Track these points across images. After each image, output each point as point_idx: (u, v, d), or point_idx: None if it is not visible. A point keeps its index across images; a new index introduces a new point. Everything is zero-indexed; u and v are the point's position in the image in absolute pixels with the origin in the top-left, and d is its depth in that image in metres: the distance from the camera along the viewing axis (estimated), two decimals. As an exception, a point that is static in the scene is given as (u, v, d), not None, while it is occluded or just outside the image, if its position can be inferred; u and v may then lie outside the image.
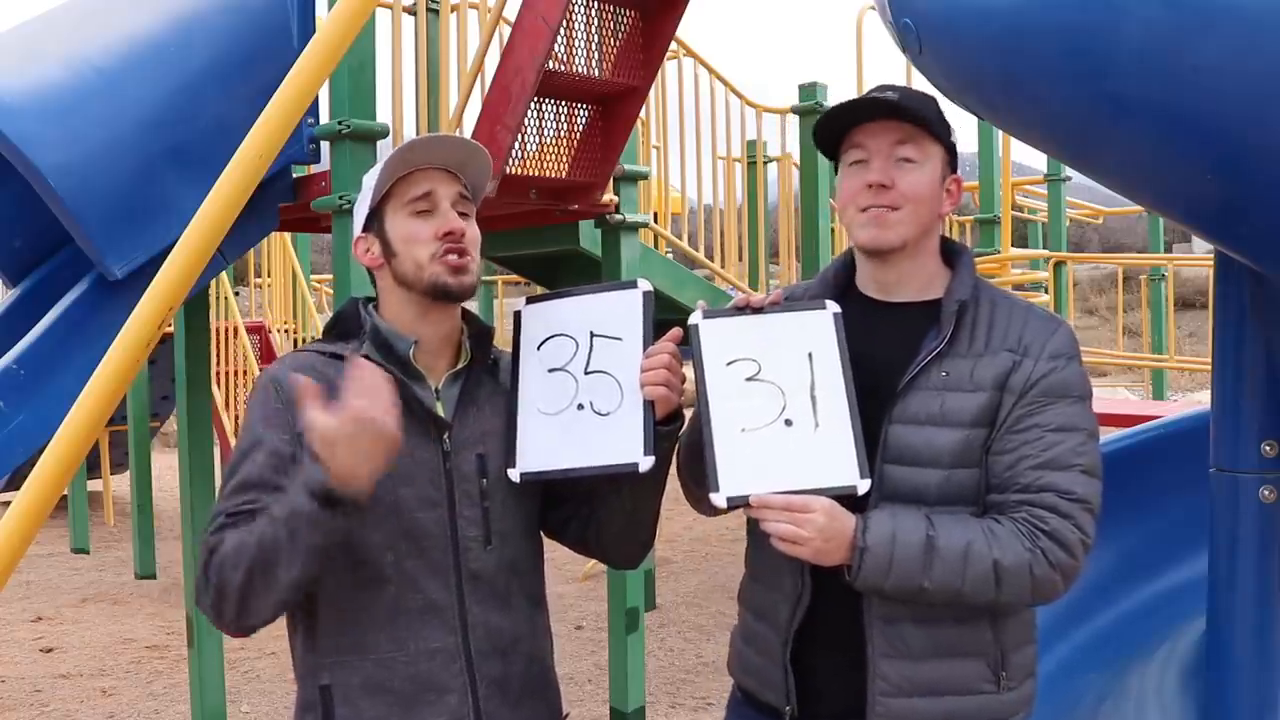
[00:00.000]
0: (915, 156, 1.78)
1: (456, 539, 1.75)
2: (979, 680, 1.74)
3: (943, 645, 1.72)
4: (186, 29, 3.49)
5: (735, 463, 1.67)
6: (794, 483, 1.65)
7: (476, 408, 1.82)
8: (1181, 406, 6.57)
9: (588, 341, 1.78)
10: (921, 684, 1.71)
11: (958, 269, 1.84)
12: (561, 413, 1.77)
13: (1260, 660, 2.17)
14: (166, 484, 9.93)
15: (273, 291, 8.47)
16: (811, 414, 1.68)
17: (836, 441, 1.67)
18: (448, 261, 1.77)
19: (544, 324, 1.83)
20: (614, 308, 1.79)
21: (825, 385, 1.69)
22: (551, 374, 1.79)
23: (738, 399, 1.70)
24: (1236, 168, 1.59)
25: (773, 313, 1.76)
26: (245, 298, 9.24)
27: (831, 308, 1.75)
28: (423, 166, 1.80)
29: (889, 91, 1.80)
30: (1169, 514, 2.88)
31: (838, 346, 1.71)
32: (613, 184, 4.50)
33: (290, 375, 1.73)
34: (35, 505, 1.70)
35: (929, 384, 1.73)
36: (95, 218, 3.14)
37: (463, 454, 1.78)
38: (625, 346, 1.76)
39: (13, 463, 3.06)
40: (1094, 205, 12.27)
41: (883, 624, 1.72)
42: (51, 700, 5.33)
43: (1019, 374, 1.72)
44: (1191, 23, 1.48)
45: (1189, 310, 16.74)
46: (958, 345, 1.75)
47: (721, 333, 1.74)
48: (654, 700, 5.09)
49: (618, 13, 4.02)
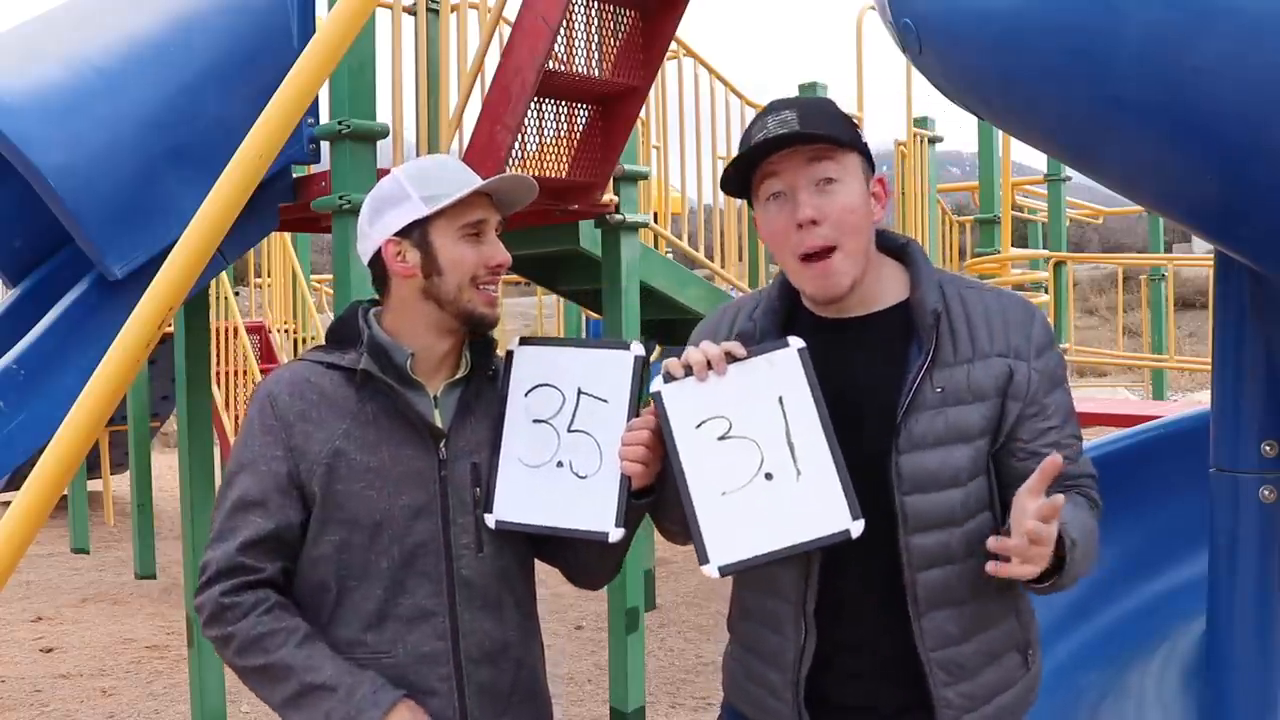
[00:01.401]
0: (835, 174, 1.66)
1: (449, 546, 1.77)
2: (1015, 670, 1.76)
3: (991, 653, 1.73)
4: (187, 29, 3.49)
5: (721, 529, 1.61)
6: (785, 539, 1.60)
7: (474, 417, 1.83)
8: (1181, 406, 6.58)
9: (575, 398, 1.75)
10: (980, 695, 1.71)
11: (915, 269, 1.75)
12: (541, 466, 1.76)
13: (1260, 660, 2.17)
14: (166, 484, 9.94)
15: (273, 291, 8.47)
16: (791, 463, 1.61)
17: (822, 487, 1.60)
18: (487, 294, 1.82)
19: (535, 370, 1.80)
20: (605, 367, 1.75)
21: (801, 428, 1.62)
22: (536, 424, 1.77)
23: (713, 461, 1.63)
24: (1236, 168, 1.59)
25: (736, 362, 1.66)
26: (245, 298, 9.23)
27: (795, 343, 1.65)
28: (481, 192, 1.81)
29: (785, 110, 1.67)
30: (1169, 514, 2.87)
31: (808, 384, 1.62)
32: (613, 184, 4.50)
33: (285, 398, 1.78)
34: (35, 505, 1.70)
35: (926, 403, 1.66)
36: (95, 218, 3.14)
37: (458, 463, 1.80)
38: (611, 410, 1.73)
39: (13, 463, 3.06)
40: (1094, 205, 12.27)
41: (938, 653, 1.68)
42: (51, 700, 5.33)
43: (1019, 378, 1.68)
44: (1191, 23, 1.48)
45: (1189, 310, 16.73)
46: (943, 354, 1.68)
47: (686, 395, 1.66)
48: (654, 700, 5.10)
49: (618, 13, 4.02)
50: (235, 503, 1.74)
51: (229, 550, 1.72)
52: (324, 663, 1.69)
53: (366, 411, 1.77)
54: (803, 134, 1.64)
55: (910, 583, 1.66)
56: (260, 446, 1.75)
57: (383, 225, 1.81)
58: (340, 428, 1.76)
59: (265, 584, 1.73)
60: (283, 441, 1.74)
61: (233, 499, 1.74)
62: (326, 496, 1.74)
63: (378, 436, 1.76)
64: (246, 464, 1.75)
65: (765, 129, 1.66)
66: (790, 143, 1.65)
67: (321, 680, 1.67)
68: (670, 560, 8.13)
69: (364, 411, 1.77)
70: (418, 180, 1.80)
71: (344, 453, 1.74)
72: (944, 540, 1.67)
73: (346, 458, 1.74)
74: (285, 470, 1.74)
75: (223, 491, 1.78)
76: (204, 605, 1.72)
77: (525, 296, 16.68)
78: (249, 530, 1.72)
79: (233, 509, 1.74)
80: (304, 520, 1.76)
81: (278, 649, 1.68)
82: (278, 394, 1.77)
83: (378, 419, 1.77)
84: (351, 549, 1.75)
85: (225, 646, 1.72)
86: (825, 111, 1.70)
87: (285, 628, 1.70)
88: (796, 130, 1.64)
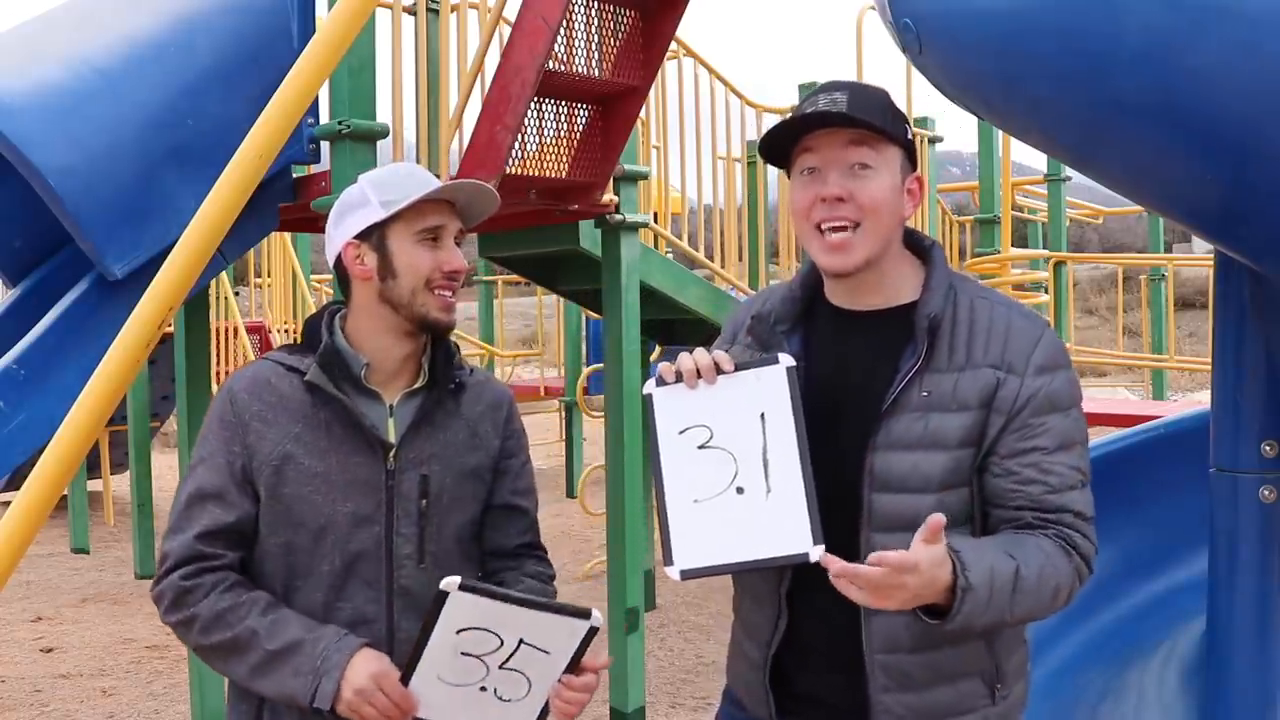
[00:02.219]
0: (871, 162, 1.68)
1: (391, 555, 1.81)
2: (976, 698, 1.72)
3: (943, 671, 1.70)
4: (187, 30, 3.49)
5: (689, 535, 1.65)
6: (746, 553, 1.63)
7: (430, 428, 1.85)
8: (1181, 406, 6.58)
9: (514, 645, 1.71)
10: (924, 711, 1.69)
11: (930, 271, 1.76)
12: (466, 695, 1.73)
13: (1260, 660, 2.18)
14: (166, 484, 9.93)
15: (273, 291, 8.47)
16: (763, 479, 1.63)
17: (788, 507, 1.62)
18: (442, 298, 1.82)
19: (471, 617, 1.70)
20: (555, 631, 1.72)
21: (778, 447, 1.64)
22: (464, 658, 1.71)
23: (691, 468, 1.66)
24: (1236, 169, 1.59)
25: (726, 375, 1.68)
26: (245, 298, 9.24)
27: (785, 361, 1.66)
28: (440, 199, 1.83)
29: (838, 92, 1.69)
30: (1169, 514, 2.87)
31: (791, 404, 1.64)
32: (613, 184, 4.50)
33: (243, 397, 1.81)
34: (35, 505, 1.70)
35: (910, 405, 1.66)
36: (96, 218, 3.14)
37: (407, 473, 1.82)
38: (551, 660, 1.72)
39: (13, 463, 3.06)
40: (1094, 205, 12.26)
41: (882, 656, 1.69)
42: (51, 700, 5.33)
43: (1005, 392, 1.65)
44: (1191, 24, 1.48)
45: (1189, 310, 16.73)
46: (936, 360, 1.68)
47: (675, 400, 1.69)
48: (654, 700, 5.09)
49: (618, 13, 4.02)
50: (192, 494, 1.79)
51: (186, 540, 1.77)
52: (288, 625, 1.72)
53: (319, 417, 1.80)
54: (847, 116, 1.66)
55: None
56: (218, 441, 1.80)
57: (344, 228, 1.85)
58: (292, 430, 1.79)
59: (225, 568, 1.77)
60: (239, 438, 1.79)
61: (189, 491, 1.80)
62: (274, 498, 1.78)
63: (328, 443, 1.80)
64: (205, 458, 1.80)
65: (815, 105, 1.69)
66: (833, 122, 1.68)
67: (286, 640, 1.70)
68: (670, 560, 8.11)
69: (317, 417, 1.80)
70: (378, 186, 1.84)
71: (293, 456, 1.78)
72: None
73: (295, 461, 1.78)
74: (240, 465, 1.79)
75: (181, 485, 1.83)
76: (164, 592, 1.78)
77: (525, 296, 16.67)
78: (206, 520, 1.77)
79: (189, 501, 1.79)
80: (257, 515, 1.80)
81: (240, 621, 1.72)
82: (237, 392, 1.82)
83: (330, 425, 1.80)
84: (296, 551, 1.79)
85: (189, 629, 1.76)
86: (876, 100, 1.72)
87: (247, 599, 1.75)
88: (842, 112, 1.66)
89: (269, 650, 1.71)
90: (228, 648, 1.74)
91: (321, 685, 1.67)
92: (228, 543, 1.78)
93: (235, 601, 1.74)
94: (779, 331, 1.78)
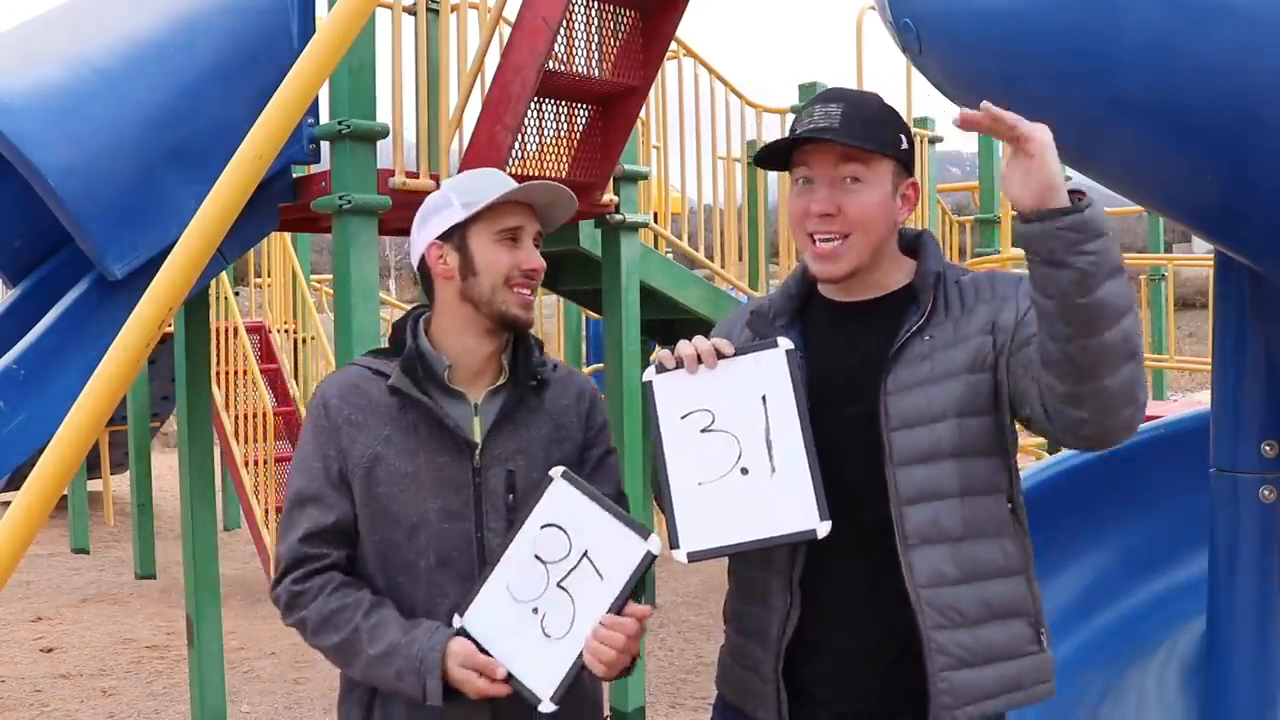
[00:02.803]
0: (862, 176, 1.73)
1: (483, 549, 1.84)
2: (1026, 642, 1.73)
3: (993, 605, 1.70)
4: (187, 29, 3.49)
5: (694, 518, 1.67)
6: (754, 532, 1.65)
7: (513, 425, 1.89)
8: (1181, 406, 6.57)
9: (578, 558, 1.72)
10: (980, 651, 1.68)
11: (923, 253, 1.82)
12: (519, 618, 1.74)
13: (1260, 660, 2.18)
14: (166, 484, 9.93)
15: (273, 291, 8.46)
16: (768, 459, 1.66)
17: (794, 485, 1.64)
18: (521, 296, 1.87)
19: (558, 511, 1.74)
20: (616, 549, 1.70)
21: (780, 428, 1.66)
22: (534, 562, 1.74)
23: (694, 452, 1.68)
24: (1236, 168, 1.59)
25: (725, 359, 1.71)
26: (245, 298, 9.23)
27: (784, 344, 1.70)
28: (519, 200, 1.87)
29: (834, 104, 1.73)
30: (1169, 514, 2.88)
31: (791, 385, 1.67)
32: (613, 184, 4.50)
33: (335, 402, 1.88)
34: (35, 505, 1.70)
35: (916, 353, 1.72)
36: (96, 218, 3.14)
37: (493, 470, 1.86)
38: (602, 587, 1.71)
39: (13, 463, 3.06)
40: (1094, 205, 12.24)
41: (928, 590, 1.68)
42: (51, 700, 5.33)
43: (1005, 314, 1.71)
44: (1191, 23, 1.48)
45: (1189, 310, 16.73)
46: (936, 315, 1.74)
47: (675, 386, 1.71)
48: (654, 700, 5.09)
49: (618, 13, 4.02)
50: (293, 500, 1.87)
51: (292, 543, 1.84)
52: (387, 628, 1.78)
53: (407, 419, 1.86)
54: (837, 136, 1.70)
55: (898, 518, 1.68)
56: (314, 446, 1.87)
57: (427, 231, 1.91)
58: (382, 433, 1.85)
59: (330, 568, 1.84)
60: (334, 442, 1.86)
61: (291, 497, 1.87)
62: (369, 497, 1.84)
63: (416, 443, 1.85)
64: (301, 463, 1.88)
65: (811, 118, 1.73)
66: (824, 138, 1.71)
67: (385, 645, 1.76)
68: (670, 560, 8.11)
69: (404, 418, 1.86)
70: (460, 189, 1.89)
71: (383, 457, 1.84)
72: (933, 475, 1.69)
73: (385, 462, 1.84)
74: (336, 469, 1.85)
75: (289, 484, 1.92)
76: (279, 596, 1.85)
77: (525, 296, 16.66)
78: (308, 523, 1.84)
79: (291, 506, 1.87)
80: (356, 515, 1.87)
81: (346, 624, 1.78)
82: (329, 397, 1.89)
83: (416, 426, 1.85)
84: (393, 548, 1.85)
85: (303, 631, 1.84)
86: (869, 113, 1.74)
87: (351, 602, 1.80)
88: (834, 128, 1.70)
89: (371, 655, 1.76)
90: (338, 650, 1.80)
91: (428, 685, 1.72)
92: (331, 541, 1.84)
93: (341, 604, 1.80)
94: (777, 325, 1.83)
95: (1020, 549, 1.75)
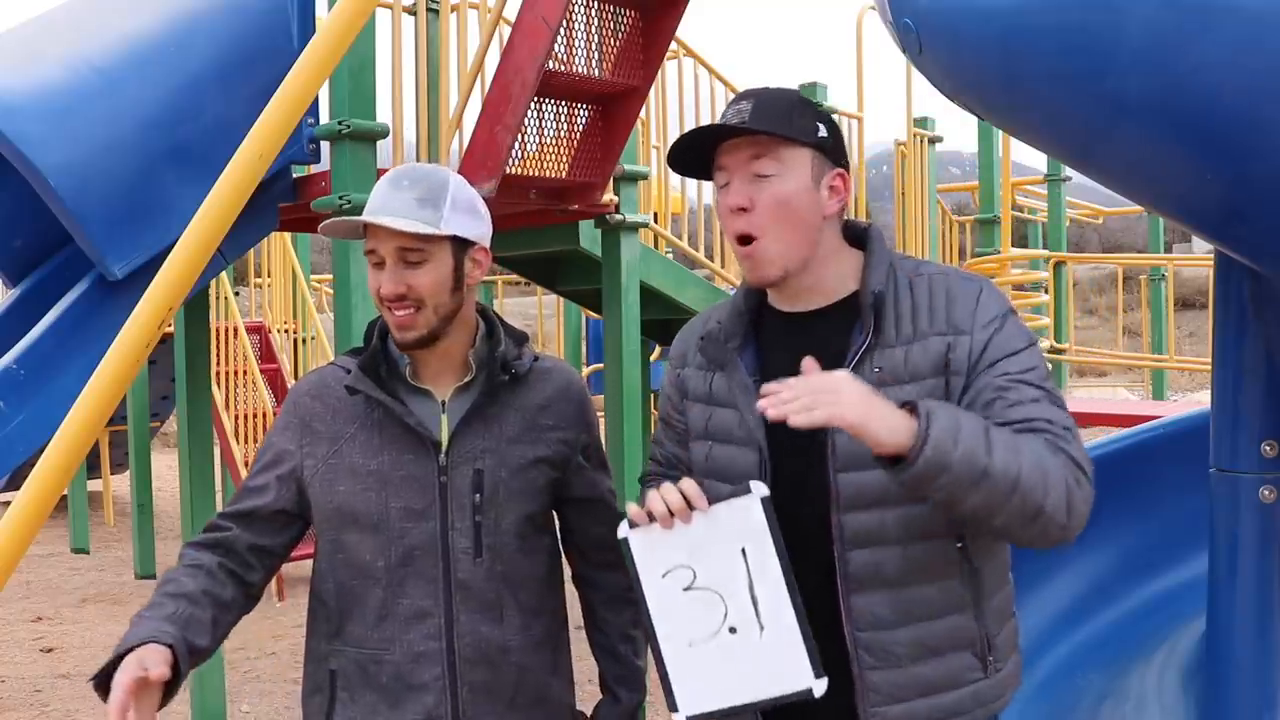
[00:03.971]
0: (773, 170, 1.69)
1: (447, 549, 1.82)
2: (968, 671, 1.70)
3: (929, 645, 1.68)
4: (187, 29, 3.49)
5: (689, 679, 1.64)
6: (750, 694, 1.62)
7: (483, 422, 1.85)
8: (1181, 406, 6.57)
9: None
10: (912, 688, 1.68)
11: (869, 254, 1.75)
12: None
13: (1260, 660, 2.17)
14: (166, 484, 9.93)
15: (273, 291, 8.46)
16: (754, 617, 1.61)
17: (784, 643, 1.61)
18: (394, 317, 1.81)
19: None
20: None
21: (764, 580, 1.61)
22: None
23: (680, 611, 1.64)
24: (1236, 168, 1.59)
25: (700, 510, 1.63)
26: (245, 298, 9.23)
27: (758, 490, 1.62)
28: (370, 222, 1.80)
29: (744, 102, 1.70)
30: (1169, 514, 2.87)
31: (770, 534, 1.61)
32: (613, 184, 4.50)
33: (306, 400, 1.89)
34: (35, 505, 1.70)
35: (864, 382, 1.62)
36: (96, 218, 3.14)
37: (459, 469, 1.83)
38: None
39: (13, 463, 3.06)
40: (1094, 205, 12.26)
41: (866, 635, 1.67)
42: (51, 700, 5.33)
43: (958, 353, 1.65)
44: (1192, 22, 1.48)
45: (1189, 310, 16.75)
46: (884, 336, 1.68)
47: (651, 542, 1.65)
48: (654, 700, 5.09)
49: (618, 13, 4.02)
50: (242, 486, 1.90)
51: (213, 515, 1.88)
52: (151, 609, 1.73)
53: (373, 417, 1.84)
54: (741, 128, 1.68)
55: (840, 560, 1.66)
56: (278, 440, 1.89)
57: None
58: (347, 431, 1.84)
59: (218, 545, 1.84)
60: (295, 438, 1.87)
61: (243, 482, 1.90)
62: (329, 496, 1.83)
63: (381, 441, 1.83)
64: (261, 453, 1.91)
65: (724, 118, 1.71)
66: (730, 134, 1.70)
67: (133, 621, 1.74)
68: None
69: (370, 417, 1.84)
70: None
71: (347, 455, 1.83)
72: (878, 520, 1.65)
73: (349, 460, 1.83)
74: (289, 466, 1.86)
75: None
76: None
77: (525, 296, 16.67)
78: (233, 503, 1.88)
79: (239, 492, 1.90)
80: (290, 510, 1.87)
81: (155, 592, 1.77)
82: (301, 394, 1.90)
83: (382, 425, 1.83)
84: (352, 548, 1.83)
85: None
86: (781, 105, 1.71)
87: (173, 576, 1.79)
88: (742, 123, 1.68)
89: None
90: None
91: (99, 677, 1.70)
92: (237, 521, 1.86)
93: (170, 575, 1.80)
94: (730, 349, 1.77)
95: (970, 585, 1.69)
